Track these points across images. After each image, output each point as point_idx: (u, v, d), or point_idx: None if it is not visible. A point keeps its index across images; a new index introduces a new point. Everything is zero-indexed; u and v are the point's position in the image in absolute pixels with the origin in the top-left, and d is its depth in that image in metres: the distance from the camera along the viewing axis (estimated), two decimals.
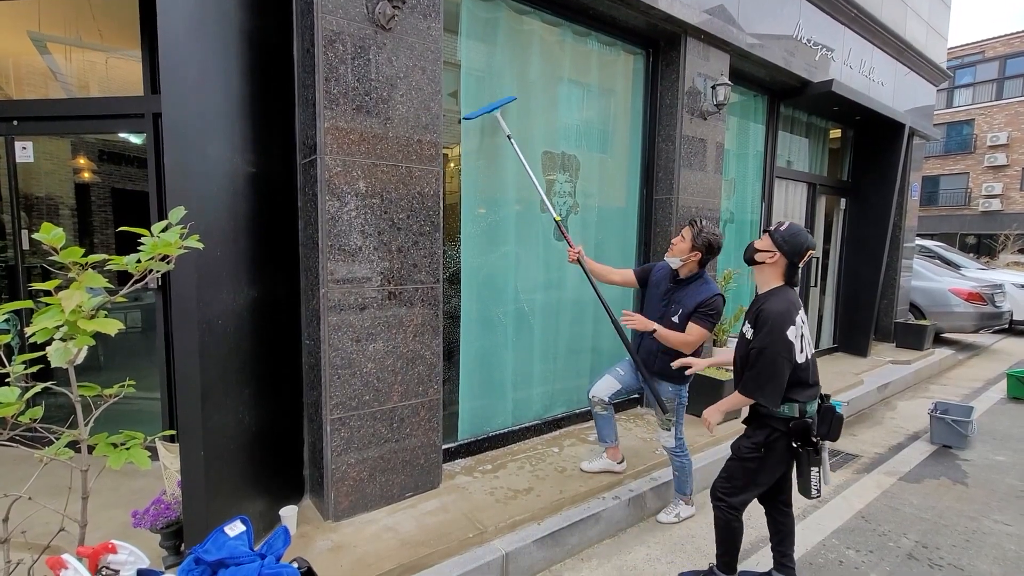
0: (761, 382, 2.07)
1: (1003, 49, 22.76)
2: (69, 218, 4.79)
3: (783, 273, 2.15)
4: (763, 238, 2.18)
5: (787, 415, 2.11)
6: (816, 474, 2.09)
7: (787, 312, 2.04)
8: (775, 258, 2.13)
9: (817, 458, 2.10)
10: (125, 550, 1.29)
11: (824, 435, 2.13)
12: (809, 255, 2.12)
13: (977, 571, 2.56)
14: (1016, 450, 4.12)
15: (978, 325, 7.55)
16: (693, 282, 2.70)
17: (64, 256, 1.18)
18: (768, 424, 2.15)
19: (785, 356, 2.02)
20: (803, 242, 2.09)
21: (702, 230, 2.62)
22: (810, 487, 2.10)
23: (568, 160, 3.77)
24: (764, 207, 5.51)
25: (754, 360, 2.09)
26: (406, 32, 2.57)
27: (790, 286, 2.16)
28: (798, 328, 2.06)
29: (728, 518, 2.23)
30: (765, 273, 2.18)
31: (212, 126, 2.01)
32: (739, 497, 2.21)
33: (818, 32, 5.20)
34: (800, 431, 2.09)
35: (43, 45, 3.57)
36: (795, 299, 2.12)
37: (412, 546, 2.33)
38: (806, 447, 2.09)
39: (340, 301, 2.46)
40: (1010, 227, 19.44)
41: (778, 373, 2.03)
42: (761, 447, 2.14)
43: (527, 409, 3.71)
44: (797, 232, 2.10)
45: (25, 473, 1.38)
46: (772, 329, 2.03)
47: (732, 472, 2.24)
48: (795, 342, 2.04)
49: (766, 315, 2.06)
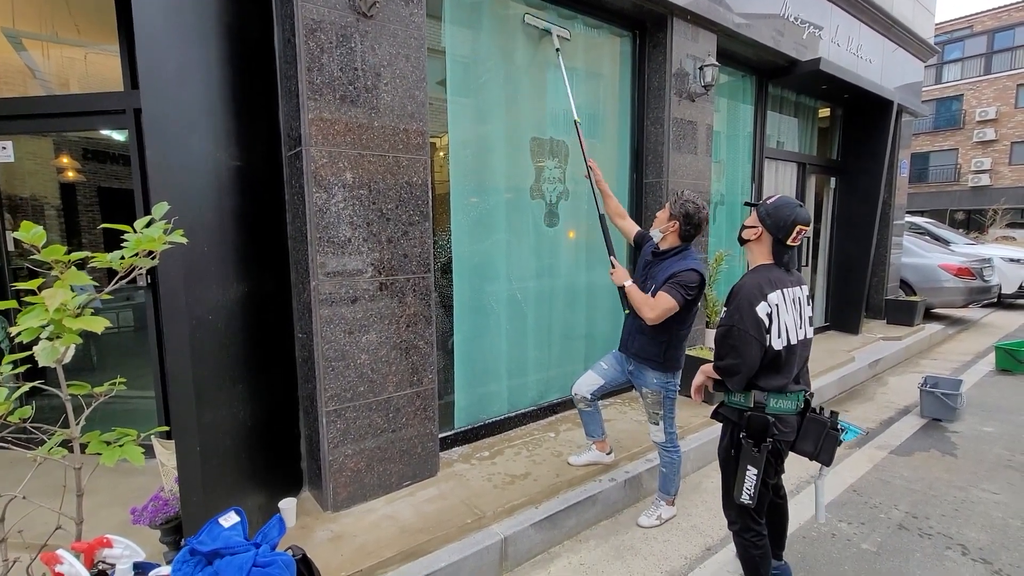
0: (722, 353, 1.87)
1: (991, 23, 22.72)
2: (55, 218, 4.74)
3: (770, 251, 1.93)
4: (751, 213, 2.00)
5: (741, 405, 1.89)
6: (751, 476, 1.81)
7: (758, 287, 1.83)
8: (759, 234, 1.93)
9: (758, 458, 1.80)
10: (120, 544, 1.30)
11: (811, 455, 1.85)
12: (799, 231, 1.85)
13: (966, 539, 2.62)
14: (1004, 421, 4.20)
15: (967, 300, 7.64)
16: (672, 256, 2.54)
17: (46, 254, 1.17)
18: (728, 420, 1.96)
19: (753, 335, 1.79)
20: (787, 216, 1.85)
21: (680, 198, 2.50)
22: (741, 489, 1.83)
23: (557, 146, 3.76)
24: (754, 188, 5.52)
25: (719, 339, 1.90)
26: (389, 19, 2.53)
27: (778, 267, 1.93)
28: (773, 308, 1.83)
29: (744, 543, 1.98)
30: (753, 251, 2.00)
31: (194, 120, 1.98)
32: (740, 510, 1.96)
33: (805, 10, 5.17)
34: (754, 428, 1.83)
35: (19, 42, 3.49)
36: (777, 277, 1.89)
37: (412, 533, 2.36)
38: (757, 444, 1.82)
39: (331, 293, 2.45)
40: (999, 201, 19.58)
41: (743, 351, 1.80)
42: (730, 449, 1.95)
43: (522, 396, 3.74)
44: (783, 204, 1.87)
45: (19, 475, 1.38)
46: (740, 304, 1.83)
47: (725, 484, 2.01)
48: (765, 320, 1.81)
49: (735, 290, 1.89)
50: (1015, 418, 4.26)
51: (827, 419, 1.86)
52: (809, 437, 1.85)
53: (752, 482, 1.81)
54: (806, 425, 1.86)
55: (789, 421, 1.86)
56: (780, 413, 1.85)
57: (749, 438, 1.84)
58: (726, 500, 2.03)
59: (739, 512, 1.96)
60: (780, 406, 1.85)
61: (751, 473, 1.81)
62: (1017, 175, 21.82)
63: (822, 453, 1.84)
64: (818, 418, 1.87)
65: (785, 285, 1.88)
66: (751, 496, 1.82)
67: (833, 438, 1.83)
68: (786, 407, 1.86)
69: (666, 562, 2.50)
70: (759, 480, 1.81)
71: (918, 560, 2.47)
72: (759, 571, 1.99)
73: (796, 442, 1.88)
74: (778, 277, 1.88)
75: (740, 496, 1.84)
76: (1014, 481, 3.21)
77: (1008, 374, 5.51)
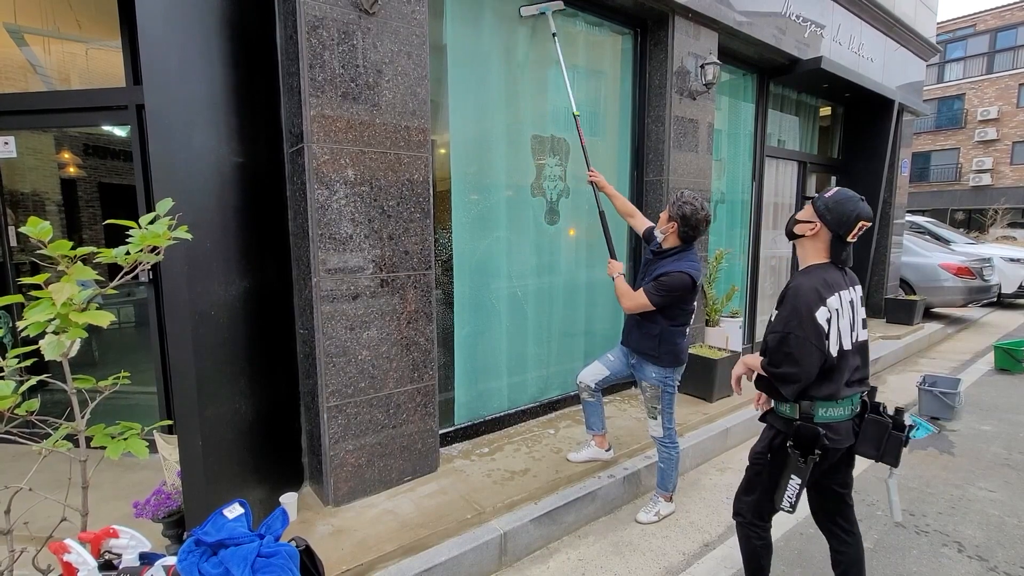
0: (777, 361, 1.74)
1: (995, 22, 22.67)
2: (56, 214, 4.75)
3: (827, 248, 1.79)
4: (805, 207, 1.84)
5: (787, 415, 1.79)
6: (794, 485, 1.74)
7: (816, 291, 1.70)
8: (816, 229, 1.78)
9: (804, 469, 1.71)
10: (126, 535, 1.32)
11: (874, 457, 1.75)
12: (860, 227, 1.72)
13: (962, 536, 2.64)
14: (1001, 420, 4.22)
15: (967, 299, 7.65)
16: (671, 256, 2.56)
17: (52, 249, 1.18)
18: (771, 424, 1.88)
19: (814, 342, 1.67)
20: (850, 211, 1.71)
21: (679, 199, 2.51)
22: (782, 495, 1.76)
23: (558, 144, 3.76)
24: (755, 186, 5.52)
25: (774, 346, 1.76)
26: (390, 16, 2.54)
27: (835, 265, 1.80)
28: (833, 313, 1.70)
29: (748, 534, 1.96)
30: (805, 248, 1.84)
31: (196, 116, 1.99)
32: (756, 509, 1.93)
33: (807, 8, 5.17)
34: (802, 439, 1.72)
35: (20, 37, 3.50)
36: (834, 279, 1.75)
37: (412, 528, 2.38)
38: (804, 455, 1.71)
39: (333, 290, 2.47)
40: (1000, 201, 19.58)
41: (801, 360, 1.68)
42: (767, 452, 1.87)
43: (522, 392, 3.75)
44: (844, 199, 1.74)
45: (24, 468, 1.40)
46: (798, 309, 1.69)
47: (747, 480, 1.97)
48: (825, 326, 1.68)
49: (790, 292, 1.75)
50: (1013, 417, 4.27)
51: (888, 420, 1.75)
52: (869, 440, 1.75)
53: (795, 491, 1.74)
54: (865, 427, 1.76)
55: (841, 428, 1.76)
56: (831, 421, 1.74)
57: (797, 448, 1.74)
58: (742, 494, 1.99)
59: (751, 507, 1.93)
60: (830, 414, 1.74)
61: (794, 482, 1.74)
62: (1018, 175, 21.80)
63: (886, 455, 1.75)
64: (878, 419, 1.75)
65: (842, 287, 1.76)
66: (792, 505, 1.74)
67: (897, 439, 1.72)
68: (837, 415, 1.75)
69: (664, 558, 2.52)
70: (802, 489, 1.74)
71: (914, 557, 2.48)
72: (760, 563, 1.97)
73: (857, 445, 1.79)
74: (835, 279, 1.76)
75: (780, 503, 1.77)
76: (1011, 479, 3.23)
77: (1007, 373, 5.52)
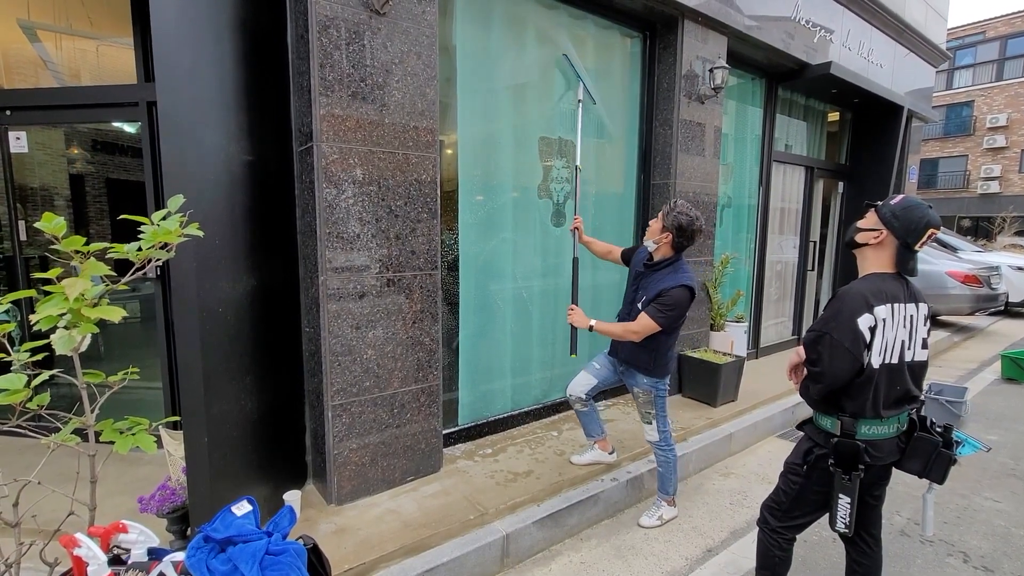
0: (812, 359, 1.72)
1: (1004, 29, 22.54)
2: (64, 208, 4.78)
3: (892, 258, 1.70)
4: (867, 215, 1.77)
5: (827, 429, 1.75)
6: (844, 504, 1.72)
7: (863, 298, 1.64)
8: (881, 238, 1.70)
9: (850, 486, 1.69)
10: (135, 530, 1.32)
11: (919, 473, 1.71)
12: (931, 234, 1.65)
13: (967, 546, 2.62)
14: (1008, 429, 4.19)
15: (974, 307, 7.60)
16: (664, 268, 2.53)
17: (66, 245, 1.19)
18: (809, 435, 1.83)
19: (847, 347, 1.61)
20: (919, 218, 1.63)
21: (672, 209, 2.47)
22: (835, 516, 1.74)
23: (565, 146, 3.76)
24: (762, 191, 5.50)
25: (808, 344, 1.74)
26: (400, 16, 2.55)
27: (897, 276, 1.71)
28: (879, 322, 1.62)
29: (767, 543, 1.94)
30: (867, 258, 1.76)
31: (207, 114, 2.00)
32: (782, 521, 1.90)
33: (817, 13, 5.15)
34: (842, 455, 1.69)
35: (33, 33, 3.53)
36: (891, 290, 1.66)
37: (414, 528, 2.38)
38: (847, 472, 1.69)
39: (339, 288, 2.47)
40: (1007, 209, 19.45)
41: (830, 362, 1.65)
42: (802, 464, 1.82)
43: (526, 394, 3.75)
44: (913, 205, 1.66)
45: (31, 462, 1.41)
46: (839, 313, 1.64)
47: (779, 488, 1.93)
48: (866, 334, 1.62)
49: (839, 294, 1.70)
50: (1019, 427, 4.24)
51: (938, 439, 1.70)
52: (917, 456, 1.71)
53: (846, 510, 1.72)
54: (913, 444, 1.71)
55: (885, 446, 1.71)
56: (875, 439, 1.70)
57: (838, 466, 1.71)
58: (771, 502, 1.97)
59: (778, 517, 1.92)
60: (874, 432, 1.69)
61: (844, 501, 1.71)
62: None
63: (932, 472, 1.70)
64: (928, 438, 1.70)
65: (898, 300, 1.67)
66: (847, 524, 1.72)
67: (946, 458, 1.67)
68: (881, 433, 1.70)
69: (667, 562, 2.51)
70: (854, 508, 1.71)
71: (919, 566, 2.47)
72: (776, 571, 1.95)
73: (903, 461, 1.75)
74: (892, 290, 1.67)
75: (835, 524, 1.75)
76: (1017, 490, 3.20)
77: (1014, 383, 5.48)
